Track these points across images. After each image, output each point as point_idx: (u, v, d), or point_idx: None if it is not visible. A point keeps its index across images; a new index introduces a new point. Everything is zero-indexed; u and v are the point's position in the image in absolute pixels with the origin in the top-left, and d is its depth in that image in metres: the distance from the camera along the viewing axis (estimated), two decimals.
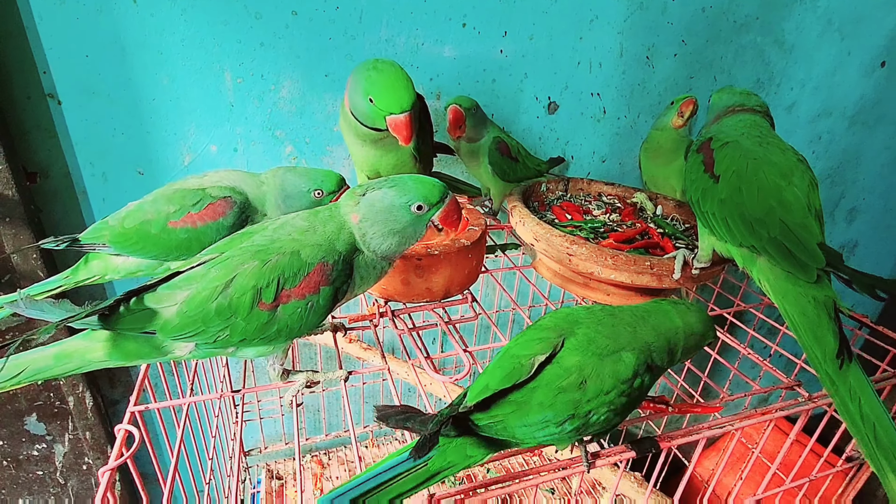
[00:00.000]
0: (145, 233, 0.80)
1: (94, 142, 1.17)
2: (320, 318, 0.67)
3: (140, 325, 0.63)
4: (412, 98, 0.86)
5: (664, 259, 0.85)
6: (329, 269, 0.65)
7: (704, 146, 0.87)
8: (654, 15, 1.44)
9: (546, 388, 0.60)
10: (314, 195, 0.84)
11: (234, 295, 0.62)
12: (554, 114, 1.50)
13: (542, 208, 1.12)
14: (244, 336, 0.64)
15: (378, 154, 1.01)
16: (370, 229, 0.67)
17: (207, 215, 0.80)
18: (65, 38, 1.07)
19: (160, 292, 0.64)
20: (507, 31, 1.34)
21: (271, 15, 1.17)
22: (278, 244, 0.65)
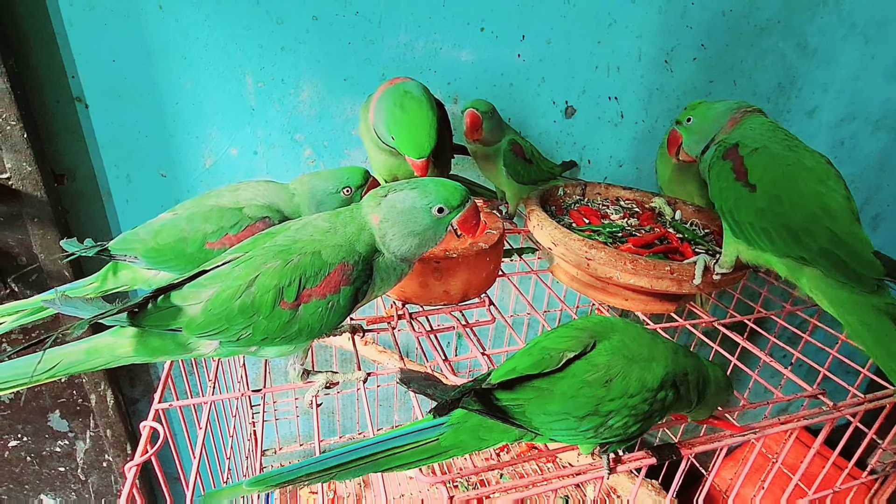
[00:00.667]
0: (181, 251, 0.81)
1: (120, 144, 1.20)
2: (340, 317, 0.68)
3: (166, 323, 0.64)
4: (432, 145, 0.89)
5: (684, 264, 0.84)
6: (349, 269, 0.65)
7: (731, 153, 0.85)
8: (673, 19, 1.43)
9: (571, 379, 0.60)
10: (343, 193, 0.85)
11: (256, 294, 0.63)
12: (571, 118, 1.49)
13: (560, 212, 1.11)
14: (266, 335, 0.65)
15: (397, 163, 1.02)
16: (390, 230, 0.67)
17: (245, 238, 0.78)
18: (93, 43, 1.10)
19: (186, 290, 0.65)
20: (524, 35, 1.34)
21: (293, 20, 1.19)
22: (300, 244, 0.66)
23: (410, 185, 0.68)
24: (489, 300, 0.92)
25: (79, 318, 0.63)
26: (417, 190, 0.67)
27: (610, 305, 0.97)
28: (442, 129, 0.99)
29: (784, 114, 1.69)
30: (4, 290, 1.18)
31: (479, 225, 0.71)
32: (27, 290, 1.18)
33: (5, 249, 1.14)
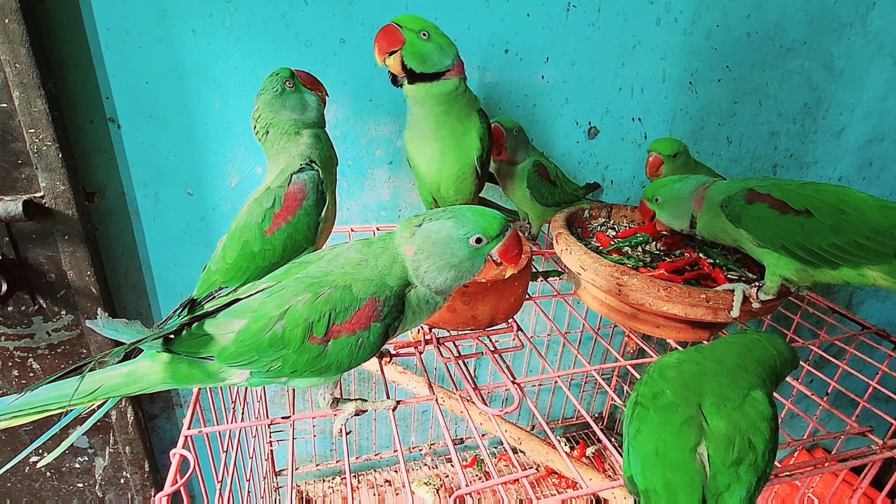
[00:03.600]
0: (249, 255, 0.82)
1: (149, 164, 1.22)
2: (370, 353, 0.66)
3: (198, 350, 0.64)
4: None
5: (720, 291, 0.82)
6: (380, 304, 0.63)
7: (753, 195, 0.87)
8: (697, 40, 1.43)
9: (723, 467, 0.58)
10: (287, 86, 0.91)
11: (286, 327, 0.62)
12: (594, 139, 1.49)
13: (586, 234, 1.10)
14: (295, 368, 0.64)
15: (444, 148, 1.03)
16: (424, 262, 0.64)
17: (290, 207, 0.84)
18: (128, 65, 1.13)
19: (219, 319, 0.65)
20: (549, 56, 1.35)
21: (320, 43, 1.20)
22: (331, 277, 0.64)
23: (447, 213, 0.65)
24: (517, 325, 0.90)
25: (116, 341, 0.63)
26: (454, 220, 0.64)
27: (641, 332, 0.95)
28: (488, 138, 1.03)
29: (810, 135, 1.67)
30: (33, 305, 1.19)
31: (520, 255, 0.69)
32: (55, 307, 1.19)
33: (36, 266, 1.15)
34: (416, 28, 0.94)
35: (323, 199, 0.88)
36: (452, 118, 0.99)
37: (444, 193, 1.07)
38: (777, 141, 1.64)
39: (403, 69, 0.96)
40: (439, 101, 0.97)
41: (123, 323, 0.64)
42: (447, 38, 0.97)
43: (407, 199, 1.42)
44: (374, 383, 1.66)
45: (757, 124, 1.60)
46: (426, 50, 0.94)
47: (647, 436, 0.62)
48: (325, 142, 0.95)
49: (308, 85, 0.95)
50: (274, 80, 0.91)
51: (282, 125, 0.91)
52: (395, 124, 1.32)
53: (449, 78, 0.97)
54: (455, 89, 0.97)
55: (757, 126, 1.60)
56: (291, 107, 0.91)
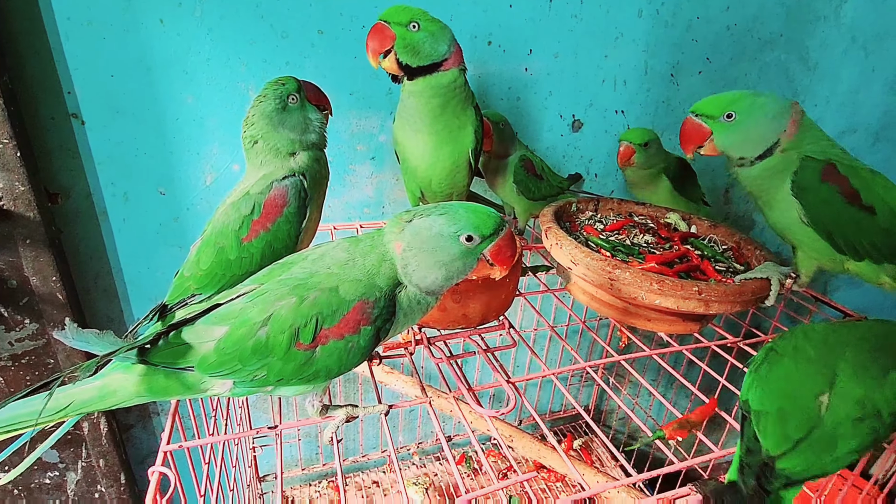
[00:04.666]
0: (225, 262, 0.77)
1: (117, 162, 1.16)
2: (361, 358, 0.63)
3: (177, 361, 0.60)
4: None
5: (712, 284, 0.81)
6: (370, 307, 0.60)
7: (831, 174, 0.81)
8: (679, 32, 1.43)
9: (844, 418, 0.62)
10: (290, 102, 0.83)
11: (270, 334, 0.59)
12: (578, 131, 1.48)
13: (575, 228, 1.09)
14: (281, 376, 0.60)
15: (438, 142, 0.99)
16: (413, 260, 0.61)
17: (270, 214, 0.79)
18: (91, 57, 1.06)
19: (198, 327, 0.61)
20: (532, 49, 1.33)
21: (298, 34, 1.16)
22: (316, 279, 0.60)
23: (438, 209, 0.62)
24: (508, 323, 0.88)
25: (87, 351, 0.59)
26: (446, 216, 0.61)
27: (631, 326, 0.94)
28: (482, 132, 1.02)
29: None
30: None
31: (514, 255, 0.66)
32: (17, 315, 1.12)
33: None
34: (404, 20, 0.90)
35: (304, 207, 0.82)
36: (449, 112, 0.96)
37: (437, 188, 1.04)
38: None
39: (400, 67, 0.92)
40: (437, 94, 0.94)
41: (95, 334, 0.60)
42: (439, 23, 0.93)
43: (391, 196, 1.39)
44: (360, 384, 1.63)
45: None
46: (417, 41, 0.90)
47: (776, 374, 0.68)
48: (322, 164, 0.88)
49: (314, 100, 0.87)
50: (277, 91, 0.82)
51: (275, 143, 0.82)
52: (377, 118, 1.28)
53: (447, 69, 0.93)
54: (454, 81, 0.94)
55: None
56: (292, 125, 0.83)
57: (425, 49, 0.91)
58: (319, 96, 0.89)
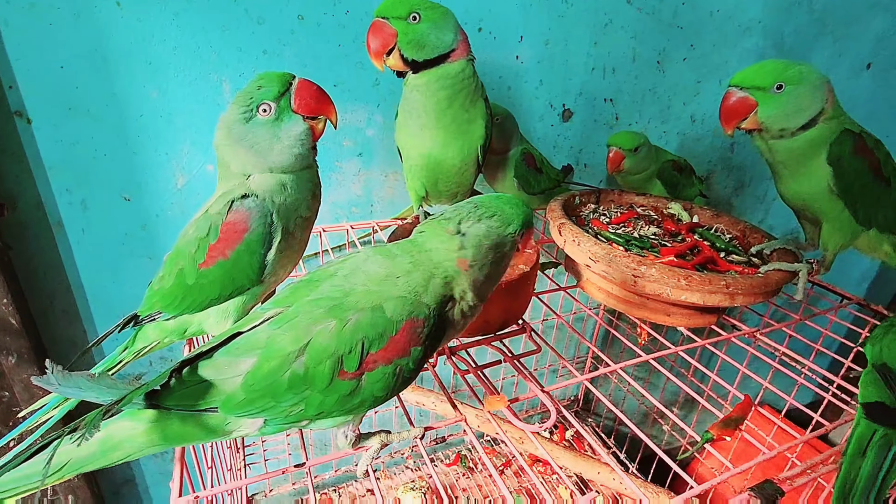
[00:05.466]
0: (184, 286, 0.68)
1: (72, 165, 1.03)
2: (409, 382, 0.57)
3: (196, 402, 0.52)
4: None
5: (738, 277, 0.79)
6: (419, 325, 0.54)
7: (861, 148, 0.83)
8: (665, 18, 1.41)
9: None
10: (261, 114, 0.66)
11: (309, 364, 0.51)
12: (568, 121, 1.44)
13: (581, 222, 1.05)
14: (321, 410, 0.54)
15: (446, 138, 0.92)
16: (481, 273, 0.58)
17: (229, 240, 0.66)
18: (35, 46, 0.92)
19: (219, 360, 0.53)
20: (523, 35, 1.27)
21: (275, 20, 1.05)
22: (353, 297, 0.54)
23: (485, 211, 0.58)
24: (530, 327, 0.84)
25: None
26: (497, 218, 0.58)
27: (650, 321, 0.92)
28: (490, 123, 0.95)
29: None
30: None
31: (531, 234, 0.64)
32: None
33: None
34: (403, 13, 0.83)
35: (270, 235, 0.68)
36: (457, 105, 0.89)
37: (443, 187, 0.98)
38: None
39: (406, 63, 0.85)
40: (444, 86, 0.87)
41: (86, 377, 0.50)
42: (440, 9, 0.86)
43: (380, 194, 1.31)
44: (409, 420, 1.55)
45: (717, 102, 1.61)
46: (421, 33, 0.83)
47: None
48: (298, 189, 0.71)
49: (305, 109, 0.68)
50: (248, 97, 0.66)
51: (227, 159, 0.69)
52: (364, 111, 1.20)
53: (454, 60, 0.86)
54: (461, 72, 0.87)
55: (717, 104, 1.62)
56: (251, 142, 0.66)
57: (431, 41, 0.84)
58: (315, 103, 0.69)
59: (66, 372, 0.50)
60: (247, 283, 0.69)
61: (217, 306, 0.72)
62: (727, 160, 1.76)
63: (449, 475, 1.70)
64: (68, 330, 1.15)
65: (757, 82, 0.84)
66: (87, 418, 0.46)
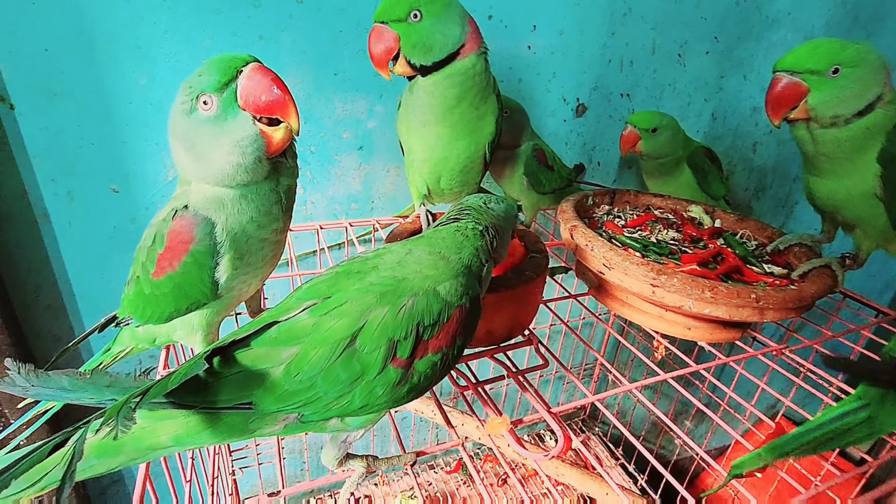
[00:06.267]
0: (142, 295, 0.63)
1: (57, 154, 0.97)
2: (445, 374, 0.55)
3: (228, 397, 0.47)
4: None
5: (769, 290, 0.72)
6: (465, 312, 0.53)
7: None
8: (688, 9, 1.33)
9: None
10: (202, 108, 0.54)
11: (361, 350, 0.48)
12: (582, 116, 1.37)
13: (594, 224, 0.98)
14: (367, 402, 0.50)
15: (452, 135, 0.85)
16: (502, 239, 0.65)
17: (175, 251, 0.58)
18: (17, 28, 0.87)
19: (256, 351, 0.48)
20: (536, 24, 1.20)
21: (273, 3, 0.99)
22: (407, 283, 0.52)
23: (496, 198, 0.69)
24: (536, 339, 0.77)
25: None
26: (505, 201, 0.69)
27: (666, 334, 0.85)
28: (501, 119, 0.88)
29: None
30: None
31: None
32: None
33: None
34: (402, 14, 0.75)
35: (216, 251, 0.58)
36: (466, 103, 0.82)
37: (446, 185, 0.91)
38: (758, 117, 1.59)
39: (414, 68, 0.78)
40: (453, 84, 0.79)
41: (74, 376, 0.44)
42: (441, 1, 0.77)
43: (381, 189, 1.24)
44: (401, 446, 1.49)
45: (741, 99, 1.54)
46: (425, 34, 0.75)
47: None
48: (247, 209, 0.59)
49: (252, 105, 0.54)
50: (188, 87, 0.55)
51: (175, 162, 0.59)
52: (365, 102, 1.13)
53: (464, 56, 0.79)
54: (472, 67, 0.80)
55: (741, 101, 1.54)
56: (192, 141, 0.55)
57: (437, 40, 0.76)
58: (265, 98, 0.54)
59: (42, 371, 0.44)
60: (201, 297, 0.62)
61: (181, 318, 0.66)
62: (748, 161, 1.67)
63: (449, 483, 1.64)
64: (52, 325, 1.10)
65: (810, 65, 0.75)
66: (112, 408, 0.40)
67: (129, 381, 0.46)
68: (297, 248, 1.20)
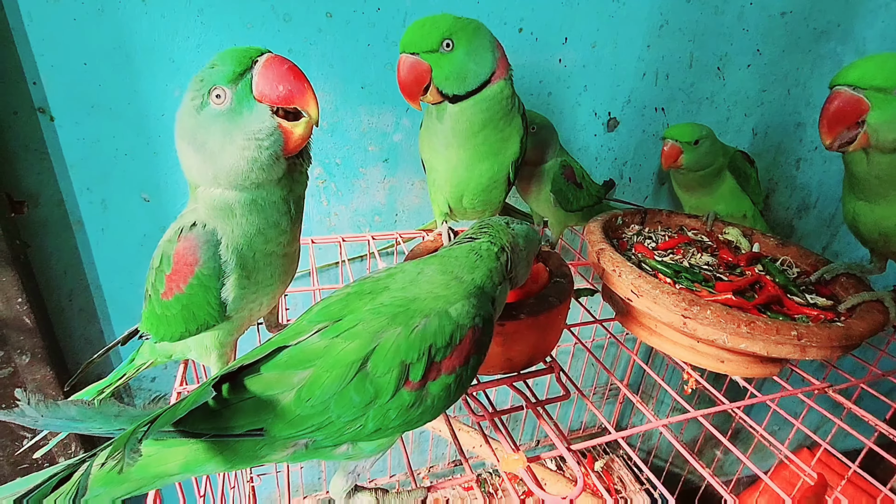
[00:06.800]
0: (154, 314, 0.63)
1: (93, 164, 1.00)
2: (462, 394, 0.54)
3: (239, 424, 0.46)
4: None
5: (812, 326, 0.67)
6: (479, 332, 0.52)
7: None
8: (729, 20, 1.27)
9: None
10: (214, 102, 0.51)
11: (374, 373, 0.47)
12: (613, 131, 1.33)
13: (623, 246, 0.94)
14: (380, 426, 0.49)
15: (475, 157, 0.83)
16: (520, 258, 0.63)
17: (180, 273, 0.57)
18: (59, 42, 0.90)
19: (266, 375, 0.48)
20: (567, 37, 1.17)
21: (302, 17, 1.00)
22: (419, 304, 0.51)
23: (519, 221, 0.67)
24: (558, 367, 0.74)
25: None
26: (527, 225, 0.67)
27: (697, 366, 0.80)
28: (525, 139, 0.86)
29: None
30: None
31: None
32: None
33: None
34: (433, 45, 0.72)
35: (220, 270, 0.57)
36: (491, 126, 0.80)
37: (468, 205, 0.89)
38: (803, 133, 1.51)
39: (444, 96, 0.76)
40: (480, 110, 0.77)
41: (82, 406, 0.44)
42: (473, 26, 0.75)
43: (405, 202, 1.23)
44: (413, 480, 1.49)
45: (784, 114, 1.47)
46: (458, 64, 0.73)
47: None
48: (255, 215, 0.56)
49: (269, 94, 0.51)
50: (199, 81, 0.52)
51: (182, 165, 0.57)
52: (391, 115, 1.13)
53: (494, 82, 0.77)
54: (500, 93, 0.78)
55: (784, 116, 1.47)
56: (202, 139, 0.52)
57: (471, 69, 0.74)
58: (283, 86, 0.51)
59: (51, 401, 0.44)
60: (209, 319, 0.61)
61: (193, 339, 0.65)
62: (791, 178, 1.59)
63: (466, 500, 1.61)
64: (84, 328, 1.13)
65: (878, 81, 0.69)
66: (119, 440, 0.39)
67: (137, 410, 0.46)
68: (318, 259, 1.20)
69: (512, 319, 0.66)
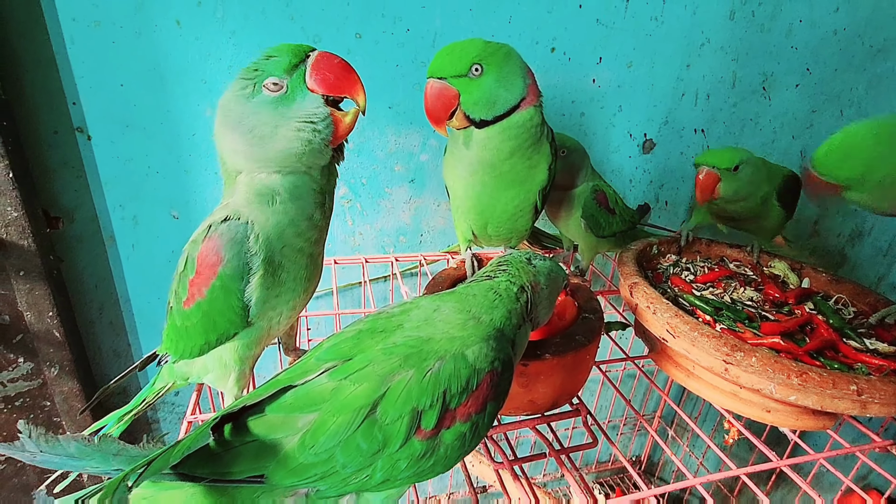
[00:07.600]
0: (175, 328, 0.62)
1: (126, 181, 1.02)
2: (478, 443, 0.50)
3: (240, 469, 0.44)
4: None
5: (874, 381, 0.60)
6: (497, 377, 0.49)
7: None
8: (776, 38, 1.21)
9: None
10: (268, 89, 0.55)
11: (383, 420, 0.44)
12: (649, 153, 1.27)
13: (658, 278, 0.89)
14: (388, 476, 0.46)
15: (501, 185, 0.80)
16: (543, 298, 0.60)
17: (203, 276, 0.56)
18: (98, 65, 0.93)
19: (270, 417, 0.45)
20: (602, 57, 1.13)
21: (332, 38, 1.00)
22: (433, 344, 0.48)
23: (543, 257, 0.64)
24: (586, 410, 0.69)
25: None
26: (552, 262, 0.64)
27: (740, 415, 0.74)
28: (554, 165, 0.82)
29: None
30: None
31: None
32: (10, 354, 1.00)
33: None
34: (462, 70, 0.70)
35: (248, 268, 0.56)
36: (519, 154, 0.76)
37: (493, 232, 0.86)
38: None
39: (471, 121, 0.73)
40: (509, 137, 0.74)
41: (81, 441, 0.43)
42: (503, 51, 0.72)
43: (430, 223, 1.21)
44: None
45: None
46: (487, 89, 0.70)
47: None
48: (296, 200, 0.57)
49: (323, 84, 0.55)
50: (253, 70, 0.55)
51: (222, 152, 0.58)
52: (418, 136, 1.11)
53: (524, 109, 0.74)
54: (529, 120, 0.74)
55: None
56: (252, 124, 0.54)
57: (501, 95, 0.71)
58: (336, 78, 0.56)
59: (52, 436, 0.44)
60: (230, 327, 0.59)
61: (212, 355, 0.64)
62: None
63: None
64: (113, 341, 1.15)
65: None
66: (108, 487, 0.38)
67: (136, 450, 0.44)
68: (340, 279, 1.19)
69: (536, 359, 0.62)
